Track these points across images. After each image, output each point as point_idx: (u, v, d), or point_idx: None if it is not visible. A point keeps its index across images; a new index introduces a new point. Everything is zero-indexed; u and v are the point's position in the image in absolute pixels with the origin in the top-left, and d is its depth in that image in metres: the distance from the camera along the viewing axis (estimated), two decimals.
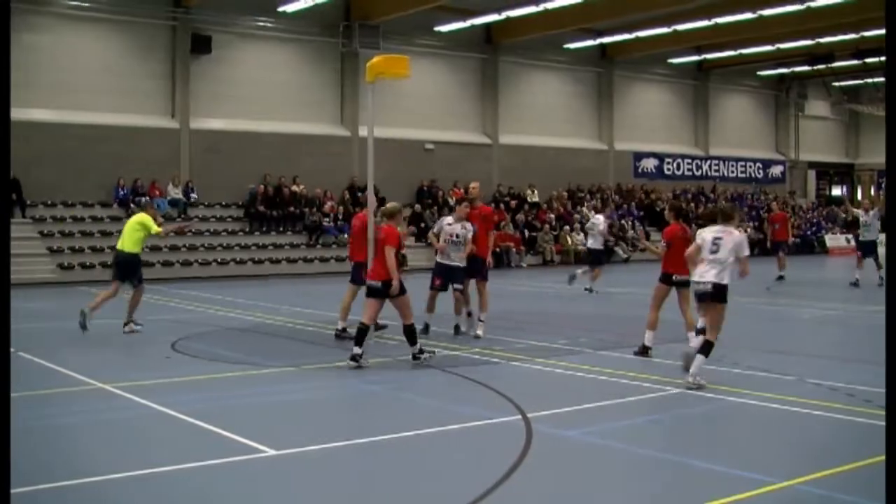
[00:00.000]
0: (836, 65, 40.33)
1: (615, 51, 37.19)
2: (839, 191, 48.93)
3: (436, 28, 31.89)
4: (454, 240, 12.85)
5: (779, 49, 37.62)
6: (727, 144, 42.89)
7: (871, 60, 37.37)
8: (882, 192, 41.95)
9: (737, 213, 10.19)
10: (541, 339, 12.80)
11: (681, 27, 32.98)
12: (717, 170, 42.39)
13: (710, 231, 9.77)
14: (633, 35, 34.26)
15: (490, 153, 34.54)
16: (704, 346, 9.32)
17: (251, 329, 14.52)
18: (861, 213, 22.19)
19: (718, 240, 9.62)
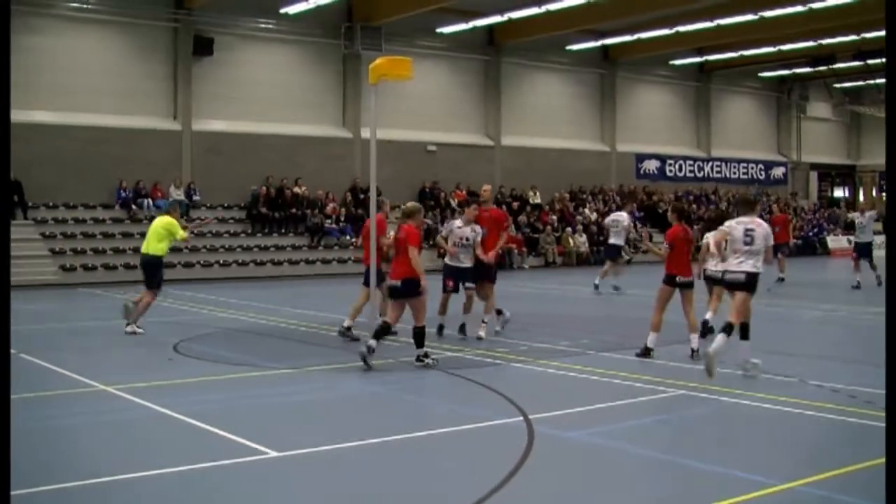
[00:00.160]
0: (838, 66, 40.31)
1: (617, 52, 37.19)
2: (841, 192, 48.91)
3: (438, 29, 31.89)
4: (464, 243, 12.89)
5: (780, 50, 37.62)
6: (729, 146, 42.86)
7: (873, 62, 37.36)
8: (883, 194, 41.98)
9: (759, 203, 10.48)
10: (543, 341, 12.79)
11: (683, 29, 32.97)
12: (720, 171, 42.39)
13: (740, 223, 9.98)
14: (636, 36, 34.28)
15: (492, 155, 34.55)
16: (726, 327, 9.46)
17: (253, 331, 14.52)
18: (857, 215, 22.18)
19: (751, 231, 9.84)
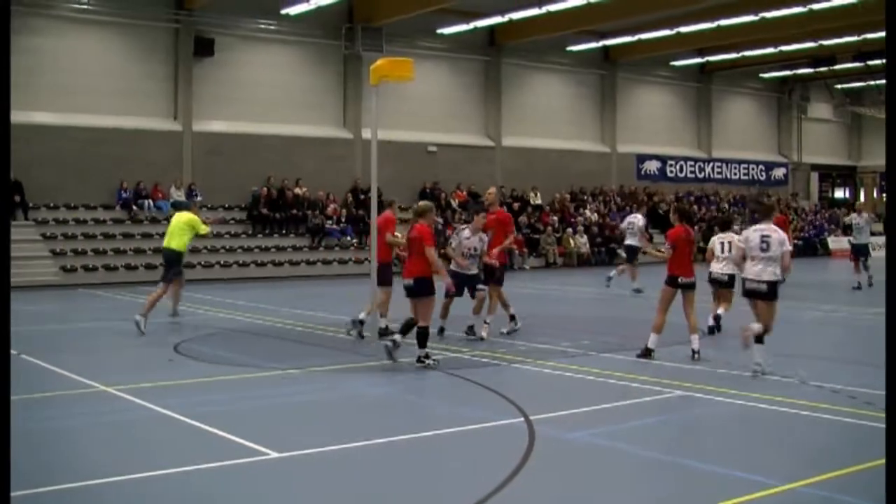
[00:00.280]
0: (839, 67, 40.33)
1: (618, 53, 37.18)
2: (842, 193, 48.90)
3: (438, 30, 31.89)
4: (472, 253, 12.98)
5: (781, 51, 37.60)
6: (730, 147, 42.84)
7: (874, 63, 37.37)
8: (884, 195, 41.93)
9: (775, 208, 10.59)
10: (544, 342, 12.79)
11: (684, 29, 32.95)
12: (720, 172, 42.38)
13: (756, 230, 10.05)
14: (636, 37, 34.28)
15: (493, 155, 34.55)
16: (761, 336, 9.92)
17: (254, 331, 14.52)
18: (853, 217, 22.19)
19: (767, 237, 9.94)
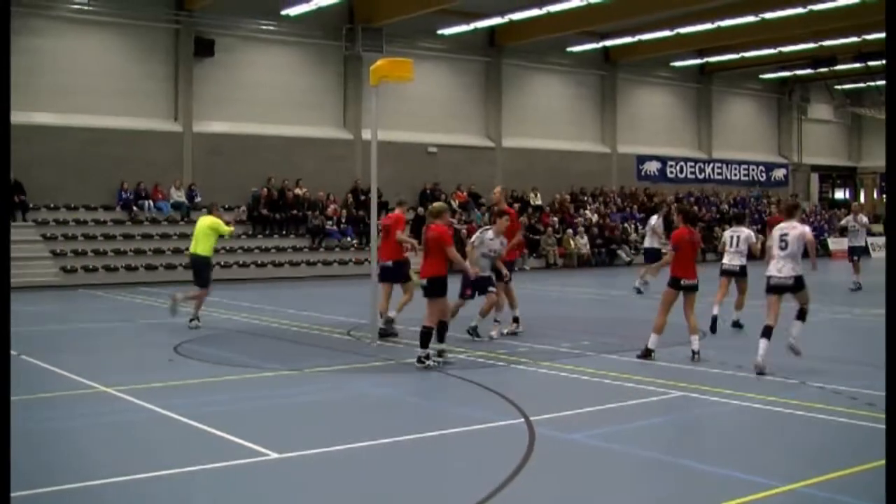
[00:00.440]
0: (839, 68, 40.31)
1: (618, 54, 37.20)
2: (842, 194, 48.90)
3: (439, 31, 31.90)
4: (491, 255, 13.00)
5: (781, 52, 37.62)
6: (730, 147, 42.85)
7: (874, 63, 37.37)
8: (884, 196, 41.93)
9: (799, 208, 11.30)
10: (544, 343, 12.79)
11: (684, 30, 32.99)
12: (720, 173, 42.37)
13: (778, 229, 10.60)
14: (636, 38, 34.31)
15: (493, 156, 34.55)
16: (800, 314, 10.63)
17: (254, 332, 14.51)
18: (849, 219, 22.25)
19: (785, 235, 10.46)
